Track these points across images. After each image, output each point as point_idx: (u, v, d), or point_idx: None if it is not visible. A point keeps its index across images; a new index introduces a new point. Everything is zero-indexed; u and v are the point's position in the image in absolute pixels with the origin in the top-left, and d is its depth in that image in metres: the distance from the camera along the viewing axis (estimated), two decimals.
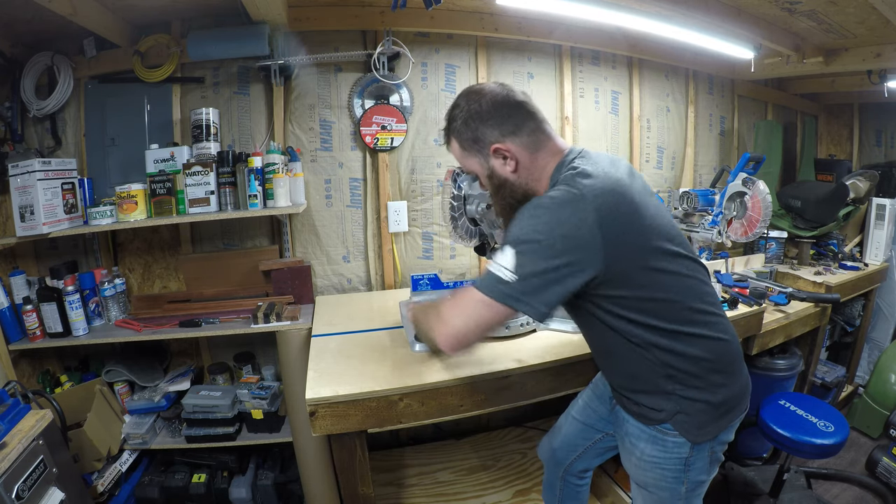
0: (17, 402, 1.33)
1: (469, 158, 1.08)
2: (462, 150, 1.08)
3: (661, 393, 1.02)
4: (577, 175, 0.95)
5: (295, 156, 1.95)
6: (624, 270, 0.94)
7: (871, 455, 2.10)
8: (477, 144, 1.05)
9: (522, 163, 1.04)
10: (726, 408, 1.04)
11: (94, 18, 1.64)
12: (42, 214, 1.62)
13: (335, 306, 1.92)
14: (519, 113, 1.03)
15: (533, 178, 1.05)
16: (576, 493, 1.47)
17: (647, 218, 0.96)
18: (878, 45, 2.14)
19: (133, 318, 1.87)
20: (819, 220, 2.47)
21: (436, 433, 2.38)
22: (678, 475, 1.06)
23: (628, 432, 1.12)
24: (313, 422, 1.20)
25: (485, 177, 1.09)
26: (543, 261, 0.90)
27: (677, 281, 0.99)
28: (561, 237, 0.89)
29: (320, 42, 1.95)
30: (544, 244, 0.89)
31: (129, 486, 1.88)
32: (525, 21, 2.09)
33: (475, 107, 1.03)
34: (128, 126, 1.91)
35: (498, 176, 1.06)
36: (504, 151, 1.03)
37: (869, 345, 2.80)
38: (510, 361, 1.35)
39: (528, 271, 0.90)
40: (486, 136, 1.03)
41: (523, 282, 0.90)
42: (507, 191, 1.06)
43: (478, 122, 1.03)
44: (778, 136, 2.75)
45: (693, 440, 1.02)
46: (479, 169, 1.08)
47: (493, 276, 0.93)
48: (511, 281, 0.91)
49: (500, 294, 0.92)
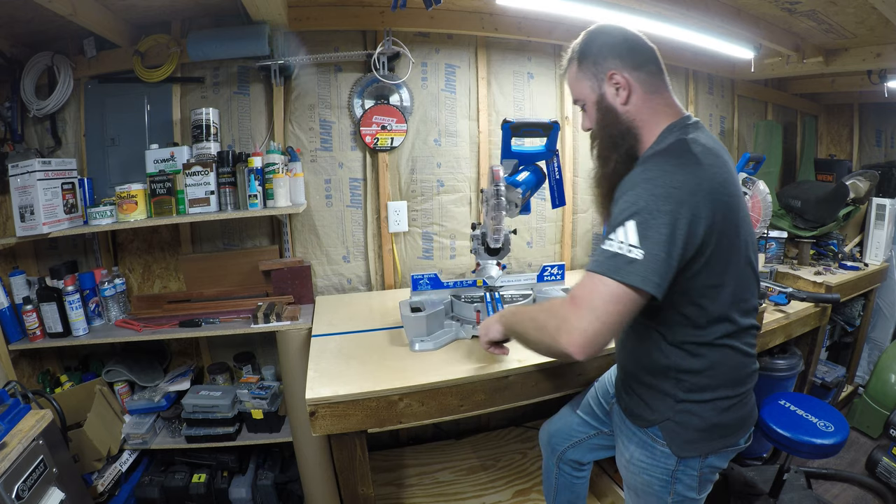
0: (17, 402, 1.33)
1: (582, 82, 1.06)
2: (578, 72, 1.06)
3: (660, 392, 1.02)
4: (694, 146, 0.92)
5: (295, 156, 1.95)
6: (712, 255, 0.90)
7: (871, 455, 2.10)
8: (595, 67, 1.03)
9: (634, 99, 1.01)
10: (721, 431, 1.01)
11: (94, 18, 1.64)
12: (42, 214, 1.62)
13: (335, 306, 1.93)
14: (644, 52, 1.02)
15: (641, 118, 1.02)
16: (571, 484, 1.47)
17: (743, 225, 0.96)
18: (878, 45, 2.14)
19: (133, 318, 1.87)
20: (819, 220, 2.47)
21: (436, 433, 2.38)
22: (665, 485, 1.05)
23: (622, 432, 1.13)
24: (313, 422, 1.21)
25: (592, 102, 1.06)
26: (665, 226, 0.83)
27: (736, 290, 0.97)
28: (677, 194, 0.85)
29: (320, 42, 1.95)
30: (663, 208, 0.84)
31: (129, 486, 1.88)
32: (525, 21, 2.09)
33: (605, 37, 1.04)
34: (128, 126, 1.91)
35: (607, 104, 1.03)
36: (619, 81, 1.01)
37: (869, 345, 2.80)
38: (510, 361, 1.35)
39: (654, 242, 0.83)
40: (607, 62, 1.01)
41: (652, 256, 0.83)
42: (611, 120, 1.04)
43: (603, 48, 1.02)
44: (778, 136, 2.75)
45: (678, 453, 1.01)
46: (589, 94, 1.06)
47: (616, 256, 0.84)
48: (640, 258, 0.83)
49: (629, 276, 0.83)
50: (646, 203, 0.85)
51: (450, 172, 2.17)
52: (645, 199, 0.85)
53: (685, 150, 0.91)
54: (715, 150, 0.95)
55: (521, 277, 1.79)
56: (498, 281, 1.74)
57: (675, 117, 1.01)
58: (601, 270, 0.85)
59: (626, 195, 0.89)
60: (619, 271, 0.83)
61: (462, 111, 2.15)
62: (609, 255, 0.85)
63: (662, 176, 0.87)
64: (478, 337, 1.52)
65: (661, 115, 1.01)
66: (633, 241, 0.83)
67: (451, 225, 2.20)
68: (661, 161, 0.90)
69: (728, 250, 0.93)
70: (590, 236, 2.43)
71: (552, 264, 1.79)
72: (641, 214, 0.84)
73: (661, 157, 0.92)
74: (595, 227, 2.42)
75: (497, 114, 2.19)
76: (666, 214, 0.84)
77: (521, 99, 2.22)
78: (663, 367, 1.00)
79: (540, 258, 2.35)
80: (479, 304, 1.56)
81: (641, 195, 0.86)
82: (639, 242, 0.83)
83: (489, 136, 2.18)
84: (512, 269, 2.34)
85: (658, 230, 0.83)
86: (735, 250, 0.95)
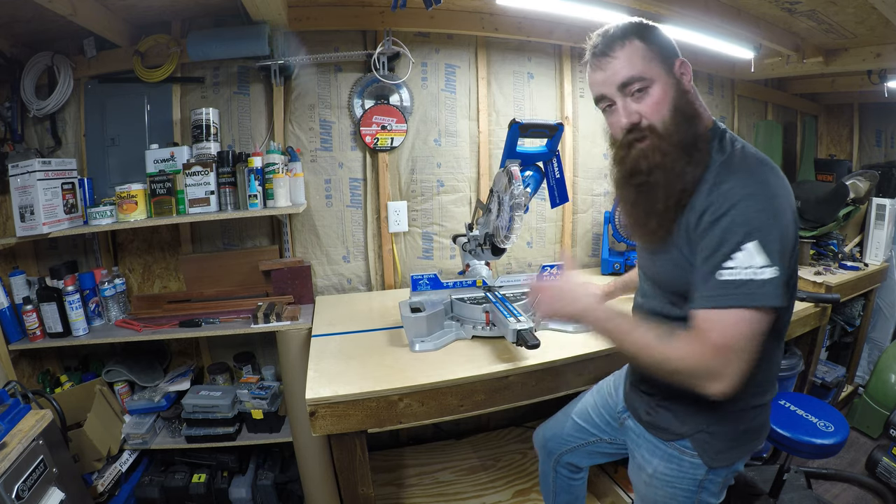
0: (17, 402, 1.33)
1: (653, 60, 0.94)
2: (646, 48, 0.94)
3: (694, 405, 0.98)
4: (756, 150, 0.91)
5: (295, 156, 1.95)
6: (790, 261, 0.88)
7: (871, 455, 2.10)
8: (663, 50, 0.96)
9: (692, 87, 0.98)
10: (750, 437, 1.01)
11: (94, 18, 1.64)
12: (42, 214, 1.62)
13: (335, 306, 1.93)
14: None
15: (699, 103, 0.98)
16: (569, 487, 1.46)
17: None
18: (878, 45, 2.14)
19: (133, 318, 1.87)
20: (819, 220, 2.47)
21: (436, 433, 2.38)
22: (690, 496, 1.03)
23: (641, 447, 1.10)
24: (313, 422, 1.21)
25: (667, 83, 0.94)
26: (778, 240, 0.82)
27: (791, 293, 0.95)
28: (780, 203, 0.84)
29: (320, 42, 1.95)
30: (773, 222, 0.82)
31: (129, 486, 1.87)
32: (525, 21, 2.09)
33: (652, 27, 0.98)
34: (128, 126, 1.91)
35: (683, 86, 0.96)
36: (686, 70, 0.97)
37: (869, 345, 2.80)
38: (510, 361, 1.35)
39: (776, 257, 0.81)
40: (671, 46, 0.97)
41: (780, 272, 0.81)
42: (684, 102, 0.95)
43: (660, 34, 0.97)
44: (778, 136, 2.75)
45: (710, 464, 0.99)
46: (661, 74, 0.94)
47: (747, 283, 0.80)
48: (772, 276, 0.80)
49: (766, 298, 0.80)
50: (757, 218, 0.82)
51: (450, 172, 2.17)
52: (756, 214, 0.82)
53: (760, 157, 0.90)
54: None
55: (521, 277, 1.79)
56: (497, 281, 1.74)
57: (709, 118, 0.99)
58: (738, 304, 0.81)
59: (731, 214, 0.84)
60: (755, 297, 0.80)
61: (462, 111, 2.15)
62: (738, 283, 0.81)
63: (762, 186, 0.84)
64: (480, 337, 1.53)
65: (703, 110, 0.99)
66: (760, 263, 0.80)
67: (451, 225, 2.20)
68: (755, 169, 0.87)
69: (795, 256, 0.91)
70: (590, 236, 2.43)
71: (551, 264, 1.79)
72: (759, 232, 0.81)
73: (751, 165, 0.88)
74: (595, 227, 2.42)
75: (497, 114, 2.19)
76: (776, 228, 0.82)
77: (520, 99, 2.22)
78: None
79: (540, 258, 2.35)
80: (487, 304, 1.56)
81: (750, 210, 0.83)
82: (767, 262, 0.80)
83: (489, 136, 2.18)
84: (512, 268, 2.34)
85: (774, 243, 0.81)
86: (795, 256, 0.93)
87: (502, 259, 2.20)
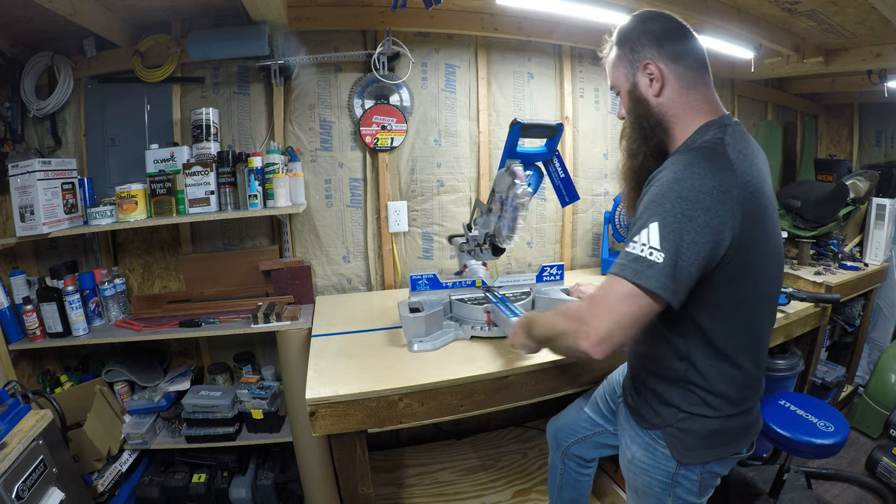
0: (17, 402, 1.33)
1: (618, 68, 1.02)
2: (617, 58, 1.02)
3: (667, 400, 1.01)
4: (729, 148, 0.89)
5: (295, 156, 1.95)
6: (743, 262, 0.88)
7: (871, 455, 2.10)
8: (632, 55, 0.99)
9: (668, 92, 0.97)
10: (723, 440, 1.00)
11: (94, 18, 1.64)
12: (42, 214, 1.62)
13: (335, 306, 1.93)
14: (685, 45, 0.98)
15: (673, 112, 0.98)
16: (576, 482, 1.47)
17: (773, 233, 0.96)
18: (878, 45, 2.14)
19: (133, 318, 1.87)
20: (819, 220, 2.47)
21: (436, 433, 2.38)
22: (665, 488, 1.04)
23: (626, 432, 1.13)
24: (313, 422, 1.21)
25: (626, 91, 1.02)
26: (689, 233, 0.82)
27: (758, 305, 0.96)
28: (705, 200, 0.83)
29: (320, 42, 1.95)
30: (688, 214, 0.82)
31: (129, 486, 1.88)
32: (525, 21, 2.09)
33: (647, 24, 0.99)
34: (128, 126, 1.91)
35: (639, 93, 0.99)
36: (653, 72, 0.97)
37: (869, 345, 2.80)
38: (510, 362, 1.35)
39: (676, 247, 0.81)
40: (644, 50, 0.98)
41: (672, 262, 0.81)
42: (642, 111, 1.00)
43: (643, 35, 0.98)
44: (778, 136, 2.75)
45: (679, 459, 1.00)
46: (623, 81, 1.02)
47: (636, 258, 0.83)
48: (660, 262, 0.81)
49: (648, 280, 0.82)
50: (672, 206, 0.83)
51: (450, 172, 2.17)
52: (672, 202, 0.83)
53: (718, 152, 0.88)
54: (750, 155, 0.92)
55: (521, 278, 1.79)
56: (496, 281, 1.74)
57: (712, 115, 0.98)
58: (622, 273, 0.84)
59: (653, 195, 0.86)
60: (638, 274, 0.82)
61: (462, 111, 2.15)
62: (632, 258, 0.84)
63: (691, 178, 0.84)
64: (478, 337, 1.53)
65: (696, 111, 0.97)
66: (654, 244, 0.82)
67: (451, 225, 2.20)
68: (692, 161, 0.87)
69: (753, 263, 0.91)
70: (590, 236, 2.43)
71: (551, 264, 1.79)
72: (666, 217, 0.83)
73: (693, 157, 0.88)
74: (595, 227, 2.42)
75: (497, 114, 2.19)
76: (691, 221, 0.82)
77: (520, 99, 2.22)
78: (673, 376, 0.99)
79: (540, 258, 2.35)
80: (488, 305, 1.56)
81: (668, 196, 0.84)
82: (660, 245, 0.82)
83: (489, 136, 2.18)
84: (512, 268, 2.34)
85: (681, 236, 0.82)
86: (760, 263, 0.92)
87: (502, 259, 2.21)
